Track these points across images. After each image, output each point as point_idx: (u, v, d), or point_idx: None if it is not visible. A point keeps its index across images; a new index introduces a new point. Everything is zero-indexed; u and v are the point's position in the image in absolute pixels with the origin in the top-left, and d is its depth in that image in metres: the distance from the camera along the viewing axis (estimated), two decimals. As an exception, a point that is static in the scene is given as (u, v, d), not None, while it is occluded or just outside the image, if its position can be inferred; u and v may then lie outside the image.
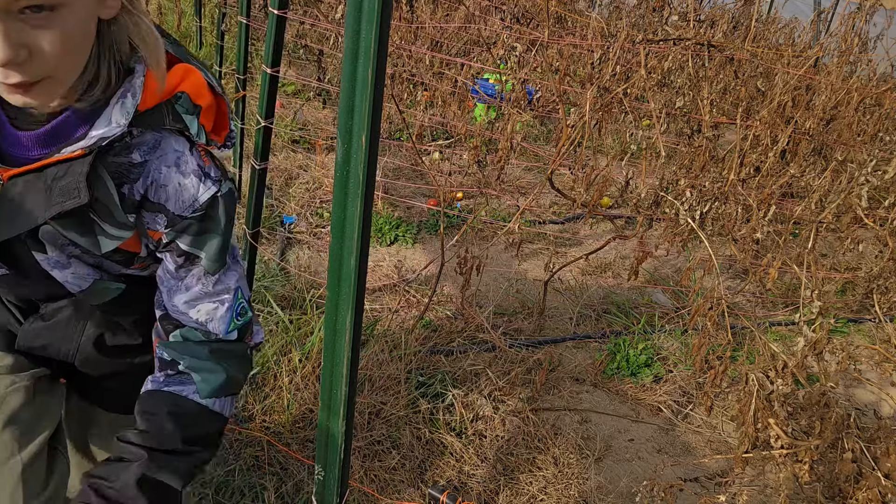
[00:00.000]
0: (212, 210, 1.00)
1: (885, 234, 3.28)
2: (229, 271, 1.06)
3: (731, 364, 2.68)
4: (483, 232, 3.90)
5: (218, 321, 1.05)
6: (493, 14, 4.95)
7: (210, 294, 1.04)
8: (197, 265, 1.02)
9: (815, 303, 2.10)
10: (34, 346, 1.15)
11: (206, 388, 1.03)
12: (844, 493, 1.93)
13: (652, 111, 2.97)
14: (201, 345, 1.04)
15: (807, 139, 3.98)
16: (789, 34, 6.46)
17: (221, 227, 1.02)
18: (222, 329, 1.05)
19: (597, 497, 2.19)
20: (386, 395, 2.37)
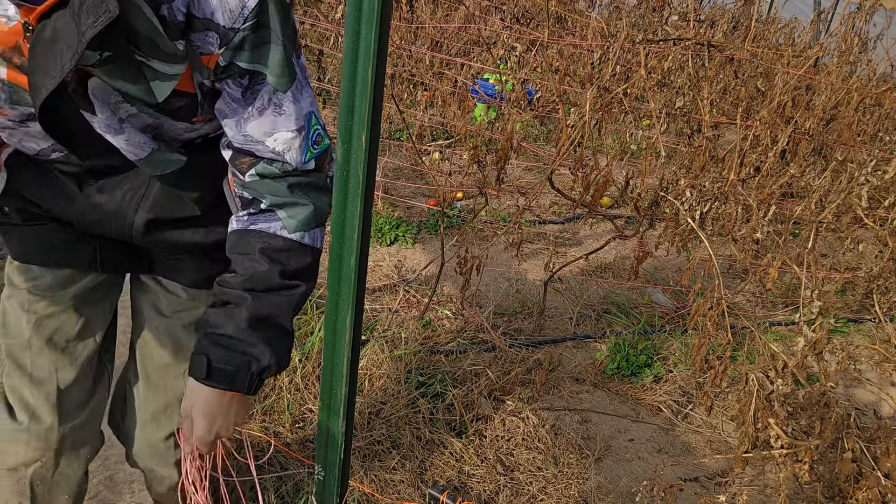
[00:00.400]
0: (263, 16, 0.91)
1: (885, 234, 3.28)
2: (303, 89, 0.99)
3: (731, 364, 2.68)
4: (483, 232, 3.90)
5: (295, 151, 0.99)
6: (493, 14, 4.95)
7: (285, 117, 0.98)
8: (264, 84, 0.95)
9: (815, 303, 2.10)
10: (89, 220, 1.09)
11: (292, 223, 1.02)
12: (844, 493, 1.93)
13: (652, 111, 2.97)
14: (280, 180, 1.00)
15: (807, 139, 3.98)
16: (789, 34, 6.46)
17: (279, 35, 0.93)
18: (300, 160, 1.00)
19: (597, 497, 2.19)
20: (386, 395, 2.37)
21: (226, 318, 0.99)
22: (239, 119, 0.98)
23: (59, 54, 0.86)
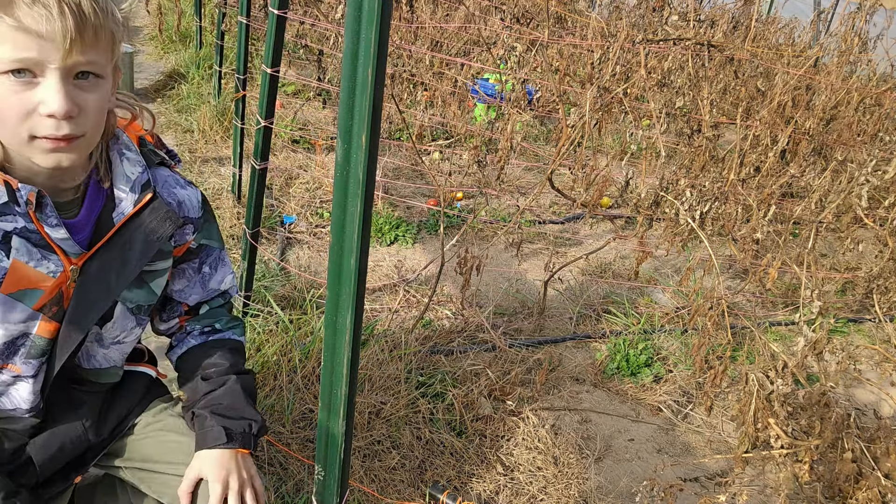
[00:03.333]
0: (206, 204, 1.22)
1: (885, 234, 3.28)
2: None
3: (731, 364, 2.68)
4: (483, 232, 3.90)
5: (232, 283, 1.34)
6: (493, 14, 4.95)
7: (227, 265, 1.30)
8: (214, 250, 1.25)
9: (815, 303, 2.10)
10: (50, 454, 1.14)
11: (240, 332, 1.32)
12: (844, 493, 1.93)
13: (652, 111, 2.97)
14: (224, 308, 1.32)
15: (807, 139, 3.98)
16: (789, 34, 6.46)
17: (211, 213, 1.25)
18: (235, 288, 1.35)
19: (597, 497, 2.19)
20: (386, 395, 2.37)
21: (223, 395, 1.20)
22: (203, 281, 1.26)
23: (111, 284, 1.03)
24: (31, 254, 0.96)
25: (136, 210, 1.05)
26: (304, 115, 5.20)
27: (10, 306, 0.96)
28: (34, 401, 1.06)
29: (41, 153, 0.92)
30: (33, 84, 0.86)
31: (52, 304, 0.99)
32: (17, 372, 1.01)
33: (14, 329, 0.97)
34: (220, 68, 4.94)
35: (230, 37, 5.04)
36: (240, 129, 3.68)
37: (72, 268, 0.99)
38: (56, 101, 0.87)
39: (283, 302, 2.84)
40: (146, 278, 1.12)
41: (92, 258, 1.01)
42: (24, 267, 0.95)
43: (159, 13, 7.02)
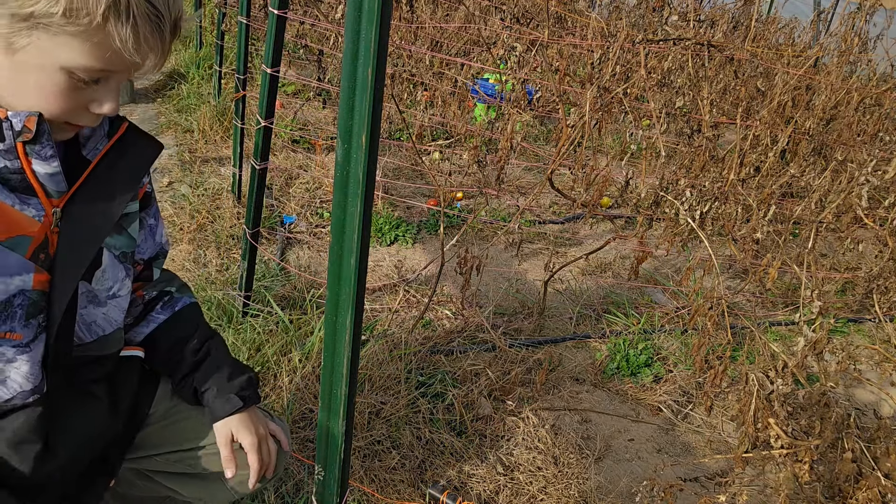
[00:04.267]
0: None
1: (885, 234, 3.28)
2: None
3: (731, 364, 2.68)
4: (483, 232, 3.90)
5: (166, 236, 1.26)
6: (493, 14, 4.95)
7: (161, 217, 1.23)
8: (153, 201, 1.18)
9: (815, 303, 2.10)
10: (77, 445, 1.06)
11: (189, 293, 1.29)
12: (844, 493, 1.93)
13: (652, 111, 2.97)
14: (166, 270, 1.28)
15: (807, 139, 3.98)
16: (789, 34, 6.46)
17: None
18: (168, 241, 1.27)
19: (597, 497, 2.19)
20: (386, 395, 2.37)
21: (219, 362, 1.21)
22: (152, 233, 1.19)
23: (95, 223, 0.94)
24: (10, 197, 0.87)
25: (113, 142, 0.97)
26: (304, 115, 5.21)
27: (5, 256, 0.87)
28: (36, 376, 0.95)
29: (61, 130, 0.88)
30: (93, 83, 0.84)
31: (41, 252, 0.90)
32: (17, 339, 0.91)
33: (11, 284, 0.88)
34: (220, 68, 4.94)
35: (230, 37, 5.04)
36: (240, 129, 3.68)
37: (54, 210, 0.90)
38: (112, 104, 0.86)
39: (283, 302, 2.84)
40: (123, 223, 1.05)
41: (72, 199, 0.92)
42: (8, 210, 0.87)
43: (159, 13, 7.01)
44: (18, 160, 0.85)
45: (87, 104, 0.86)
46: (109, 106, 0.86)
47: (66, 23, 0.76)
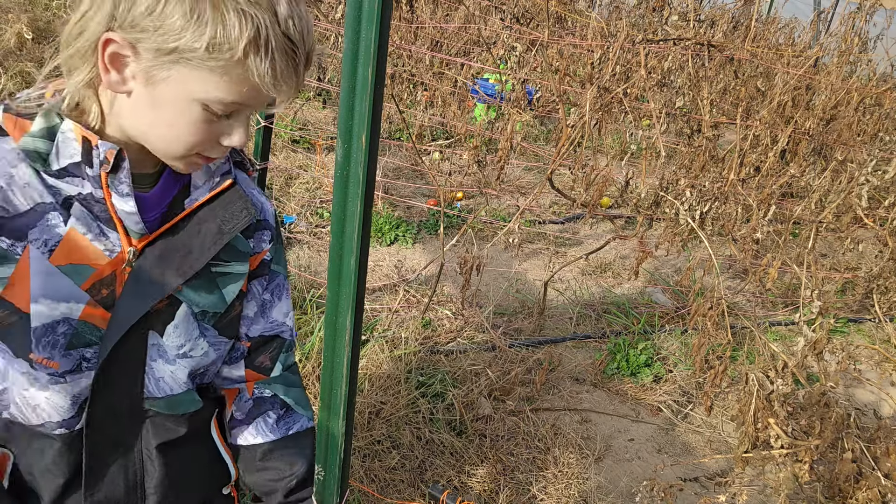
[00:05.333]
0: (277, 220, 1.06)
1: (885, 234, 3.28)
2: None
3: (731, 364, 2.68)
4: (483, 232, 3.90)
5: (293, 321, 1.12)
6: (493, 14, 4.95)
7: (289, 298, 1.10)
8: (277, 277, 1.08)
9: (815, 303, 2.10)
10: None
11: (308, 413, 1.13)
12: (844, 492, 1.93)
13: (652, 111, 2.97)
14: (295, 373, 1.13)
15: (807, 139, 3.98)
16: (789, 34, 6.46)
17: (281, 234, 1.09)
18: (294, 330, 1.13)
19: (597, 497, 2.19)
20: (386, 395, 2.37)
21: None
22: (262, 307, 1.08)
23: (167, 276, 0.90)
24: (90, 226, 0.86)
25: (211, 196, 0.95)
26: (304, 115, 5.21)
27: (56, 280, 0.85)
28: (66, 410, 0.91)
29: (187, 164, 0.88)
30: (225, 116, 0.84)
31: (102, 287, 0.88)
32: (54, 368, 0.88)
33: (57, 310, 0.85)
34: (220, 68, 4.93)
35: (230, 37, 5.03)
36: (240, 129, 3.67)
37: (130, 249, 0.88)
38: (242, 137, 0.86)
39: (283, 302, 2.84)
40: (219, 281, 0.99)
41: (154, 242, 0.90)
42: (80, 238, 0.85)
43: (159, 13, 7.01)
44: (101, 190, 0.85)
45: (218, 136, 0.86)
46: (239, 138, 0.86)
47: (208, 57, 0.77)
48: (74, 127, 0.82)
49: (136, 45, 0.77)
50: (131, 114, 0.83)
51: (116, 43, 0.76)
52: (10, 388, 0.90)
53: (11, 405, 0.91)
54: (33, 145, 0.82)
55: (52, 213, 0.84)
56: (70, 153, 0.83)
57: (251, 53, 0.77)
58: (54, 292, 0.86)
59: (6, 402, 0.91)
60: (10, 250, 0.82)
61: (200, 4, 0.75)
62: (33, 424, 0.92)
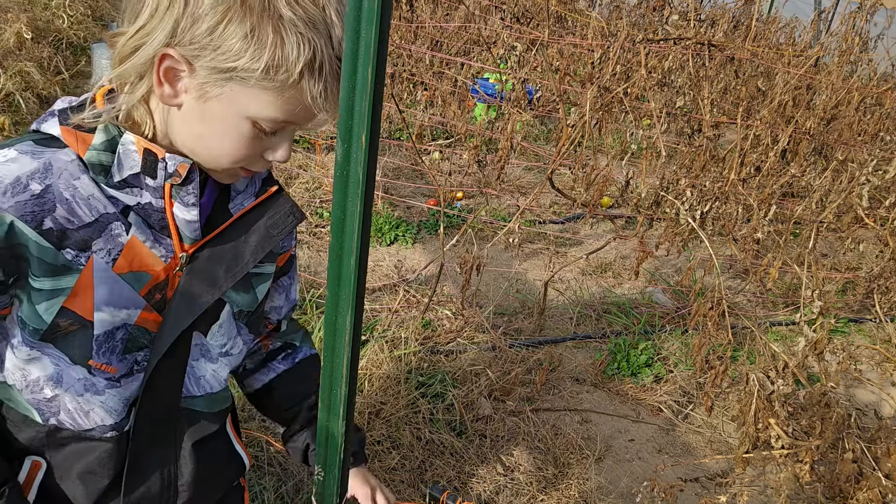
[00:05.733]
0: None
1: (885, 234, 3.27)
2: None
3: (732, 364, 2.68)
4: (483, 232, 3.89)
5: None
6: (493, 13, 4.95)
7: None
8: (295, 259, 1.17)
9: (815, 303, 2.09)
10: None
11: (311, 343, 1.26)
12: (845, 493, 1.93)
13: (652, 111, 2.97)
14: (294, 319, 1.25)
15: (807, 139, 3.98)
16: (790, 34, 6.46)
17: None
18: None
19: (597, 497, 2.18)
20: (386, 395, 2.36)
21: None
22: (288, 293, 1.17)
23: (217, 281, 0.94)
24: (146, 233, 0.89)
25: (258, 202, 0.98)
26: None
27: (119, 288, 0.87)
28: (119, 413, 0.94)
29: (229, 175, 0.91)
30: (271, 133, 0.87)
31: (157, 291, 0.91)
32: (112, 373, 0.91)
33: (118, 316, 0.88)
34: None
35: (230, 36, 5.02)
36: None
37: (183, 254, 0.91)
38: (286, 153, 0.89)
39: (283, 302, 2.84)
40: (252, 281, 1.04)
41: (203, 247, 0.93)
42: (140, 245, 0.88)
43: (159, 13, 7.00)
44: (163, 200, 0.87)
45: (263, 151, 0.88)
46: (283, 154, 0.89)
47: (264, 78, 0.79)
48: (136, 140, 0.84)
49: (193, 61, 0.78)
50: (181, 126, 0.85)
51: (173, 58, 0.78)
52: (62, 395, 0.91)
53: (62, 411, 0.92)
54: (97, 158, 0.83)
55: (115, 222, 0.86)
56: (131, 165, 0.84)
57: (306, 76, 0.79)
58: (117, 300, 0.88)
59: (55, 409, 0.92)
60: (74, 261, 0.84)
61: (261, 27, 0.76)
62: (83, 429, 0.94)
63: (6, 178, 0.78)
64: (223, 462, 1.13)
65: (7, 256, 0.80)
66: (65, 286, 0.84)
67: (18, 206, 0.79)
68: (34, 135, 0.84)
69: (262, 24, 0.76)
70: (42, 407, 0.91)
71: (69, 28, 5.97)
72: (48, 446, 0.94)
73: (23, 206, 0.79)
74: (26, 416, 0.92)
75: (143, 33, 0.78)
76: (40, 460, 0.95)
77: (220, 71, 0.78)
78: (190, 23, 0.76)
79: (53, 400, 0.91)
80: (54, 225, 0.81)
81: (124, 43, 0.80)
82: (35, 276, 0.83)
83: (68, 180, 0.82)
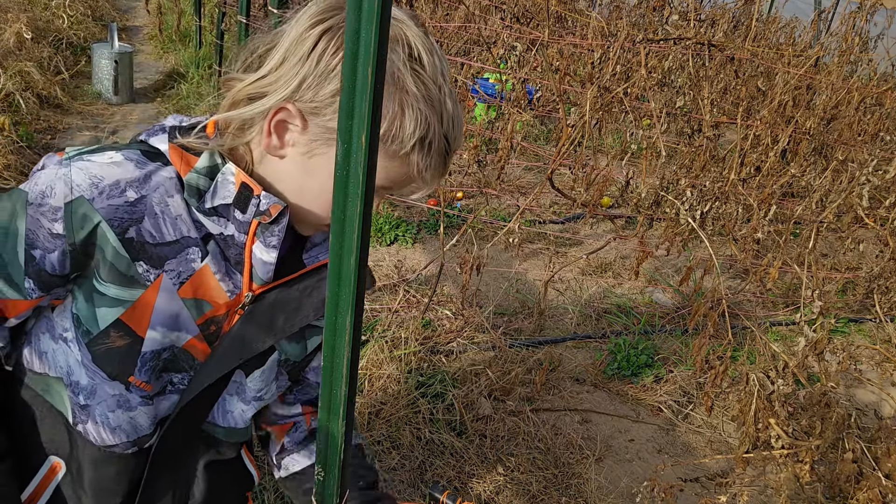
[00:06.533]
0: None
1: (885, 234, 3.27)
2: None
3: (732, 364, 2.68)
4: (483, 232, 3.89)
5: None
6: (493, 13, 4.95)
7: None
8: None
9: (815, 303, 2.09)
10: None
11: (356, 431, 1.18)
12: (845, 493, 1.93)
13: (652, 111, 2.97)
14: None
15: (807, 139, 3.98)
16: (790, 33, 6.46)
17: None
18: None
19: (597, 497, 2.18)
20: (386, 395, 2.36)
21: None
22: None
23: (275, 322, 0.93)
24: (219, 265, 0.89)
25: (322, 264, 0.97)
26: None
27: (178, 312, 0.88)
28: (143, 430, 0.95)
29: (314, 228, 0.92)
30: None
31: (213, 323, 0.91)
32: (147, 390, 0.91)
33: (168, 338, 0.89)
34: (220, 68, 4.94)
35: (230, 36, 5.03)
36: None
37: (248, 294, 0.91)
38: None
39: (283, 302, 2.84)
40: (306, 333, 1.02)
41: (269, 291, 0.93)
42: (210, 276, 0.88)
43: (159, 13, 7.02)
44: (246, 235, 0.87)
45: None
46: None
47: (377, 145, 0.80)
48: (237, 172, 0.84)
49: (309, 118, 0.79)
50: (280, 176, 0.86)
51: (288, 112, 0.79)
52: (94, 406, 0.91)
53: (90, 421, 0.92)
54: (196, 181, 0.83)
55: (193, 247, 0.86)
56: (225, 194, 0.84)
57: (416, 150, 0.81)
58: (172, 322, 0.88)
59: (85, 417, 0.92)
60: (143, 275, 0.84)
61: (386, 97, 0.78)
62: (105, 445, 0.94)
63: (107, 178, 0.80)
64: (234, 481, 1.13)
65: (80, 253, 0.81)
66: (128, 298, 0.85)
67: (110, 209, 0.80)
68: (142, 145, 0.85)
69: (388, 94, 0.77)
70: (76, 410, 0.92)
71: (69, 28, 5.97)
72: (70, 452, 0.94)
73: (115, 210, 0.80)
74: (61, 413, 0.92)
75: (265, 83, 0.80)
76: (60, 462, 0.95)
77: (333, 131, 0.79)
78: (317, 83, 0.78)
79: (86, 409, 0.92)
80: (136, 236, 0.82)
81: (240, 88, 0.81)
82: (101, 280, 0.83)
83: (162, 196, 0.83)
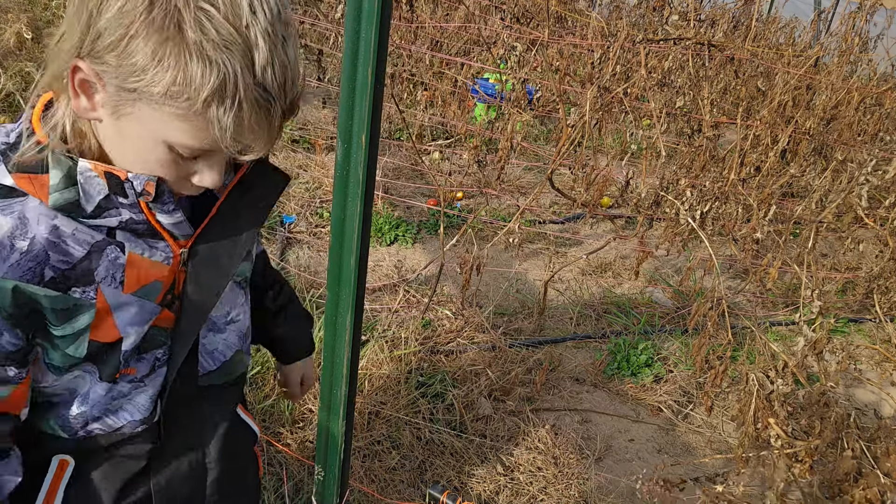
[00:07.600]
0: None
1: (885, 234, 3.27)
2: None
3: (732, 364, 2.68)
4: (483, 232, 3.90)
5: None
6: (493, 13, 4.95)
7: None
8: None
9: (815, 302, 2.10)
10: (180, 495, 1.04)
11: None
12: (844, 492, 1.93)
13: (652, 111, 2.97)
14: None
15: (807, 139, 3.98)
16: (789, 34, 6.46)
17: None
18: None
19: (597, 497, 2.18)
20: (386, 395, 2.36)
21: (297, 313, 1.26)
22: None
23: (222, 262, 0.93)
24: (140, 245, 0.86)
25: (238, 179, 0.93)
26: (303, 115, 5.20)
27: (136, 307, 0.87)
28: (147, 408, 0.95)
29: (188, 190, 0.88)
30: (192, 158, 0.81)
31: (168, 293, 0.90)
32: (132, 374, 0.91)
33: (142, 330, 0.89)
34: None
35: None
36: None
37: (181, 251, 0.90)
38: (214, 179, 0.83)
39: (283, 302, 2.84)
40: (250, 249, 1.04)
41: (199, 239, 0.91)
42: (140, 259, 0.86)
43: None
44: (142, 213, 0.84)
45: (189, 175, 0.83)
46: (211, 180, 0.83)
47: (166, 102, 0.73)
48: (93, 165, 0.80)
49: (102, 76, 0.73)
50: (104, 140, 0.81)
51: (83, 71, 0.73)
52: (89, 410, 0.92)
53: (91, 422, 0.93)
54: (63, 199, 0.79)
55: (108, 247, 0.84)
56: (98, 190, 0.81)
57: (213, 104, 0.72)
58: (139, 318, 0.88)
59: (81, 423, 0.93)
60: (84, 297, 0.83)
61: (164, 47, 0.70)
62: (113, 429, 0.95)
63: None
64: (241, 434, 1.14)
65: (21, 317, 0.79)
66: (84, 324, 0.84)
67: (14, 269, 0.76)
68: None
69: (165, 44, 0.69)
70: (67, 424, 0.92)
71: (69, 28, 5.96)
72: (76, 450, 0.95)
73: (17, 267, 0.77)
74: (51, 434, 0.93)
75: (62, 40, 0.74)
76: (67, 458, 0.95)
77: (125, 90, 0.73)
78: (95, 36, 0.71)
79: (79, 417, 0.92)
80: (54, 273, 0.79)
81: (49, 51, 0.76)
82: (54, 325, 0.83)
83: (48, 225, 0.79)
